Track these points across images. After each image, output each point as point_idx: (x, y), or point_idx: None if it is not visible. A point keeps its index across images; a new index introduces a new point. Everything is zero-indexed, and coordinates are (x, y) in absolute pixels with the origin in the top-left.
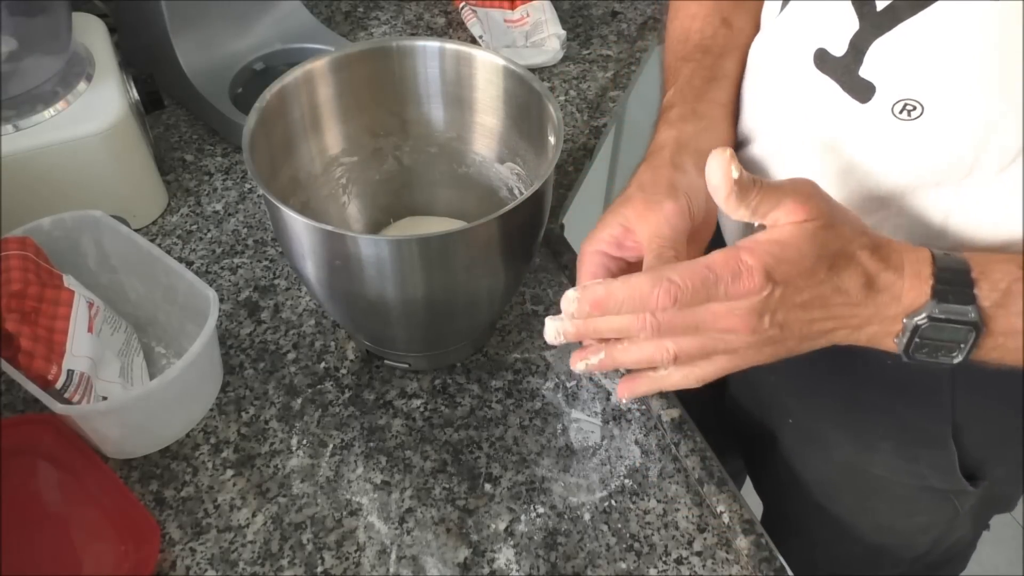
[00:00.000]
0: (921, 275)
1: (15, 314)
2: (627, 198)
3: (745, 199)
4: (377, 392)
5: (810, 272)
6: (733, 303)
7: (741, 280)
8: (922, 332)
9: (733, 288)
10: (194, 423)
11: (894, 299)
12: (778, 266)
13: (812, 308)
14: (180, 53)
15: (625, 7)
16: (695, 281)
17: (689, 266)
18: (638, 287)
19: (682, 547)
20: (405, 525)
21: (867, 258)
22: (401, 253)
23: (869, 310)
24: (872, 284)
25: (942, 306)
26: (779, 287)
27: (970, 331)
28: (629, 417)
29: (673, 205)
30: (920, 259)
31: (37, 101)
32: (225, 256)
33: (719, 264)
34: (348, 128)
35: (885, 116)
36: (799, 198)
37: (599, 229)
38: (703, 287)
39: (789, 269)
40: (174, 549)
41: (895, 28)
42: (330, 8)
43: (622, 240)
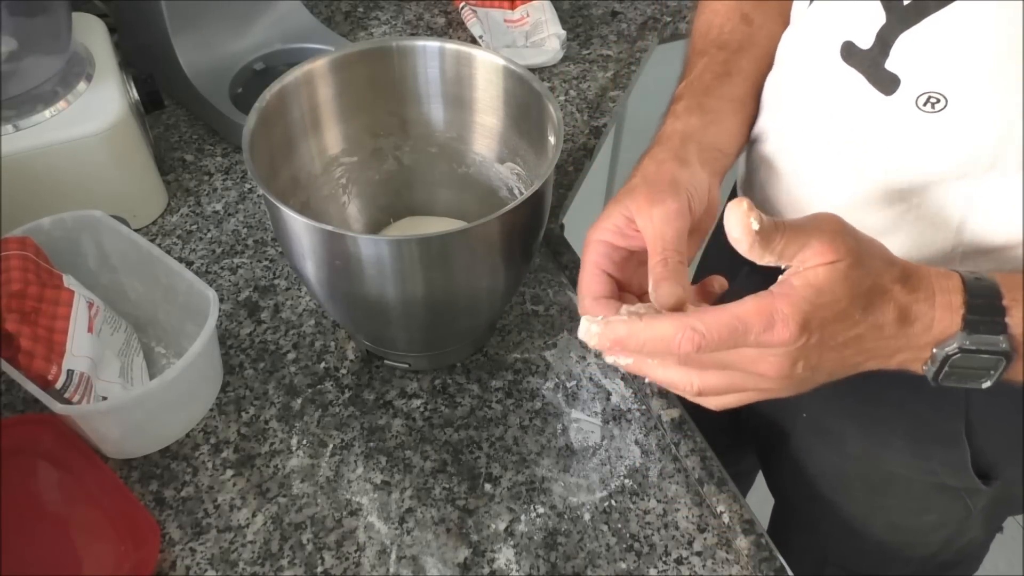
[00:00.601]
0: (952, 305)
1: (15, 314)
2: (631, 189)
3: (769, 246)
4: (377, 392)
5: (846, 314)
6: (766, 349)
7: (775, 331)
8: (952, 362)
9: (766, 337)
10: (194, 423)
11: (925, 329)
12: (815, 313)
13: (846, 347)
14: (180, 53)
15: (625, 7)
16: (721, 332)
17: (717, 315)
18: (661, 332)
19: (682, 547)
20: (405, 525)
21: (899, 290)
22: (401, 253)
23: (901, 341)
24: (905, 316)
25: (973, 337)
26: (815, 334)
27: (1000, 360)
28: (629, 417)
29: (675, 203)
30: (951, 287)
31: (37, 101)
32: (225, 256)
33: (750, 314)
34: (348, 128)
35: (909, 108)
36: (825, 237)
37: (603, 219)
38: (730, 337)
39: (826, 315)
40: (174, 549)
41: (922, 22)
42: (330, 8)
43: (625, 230)
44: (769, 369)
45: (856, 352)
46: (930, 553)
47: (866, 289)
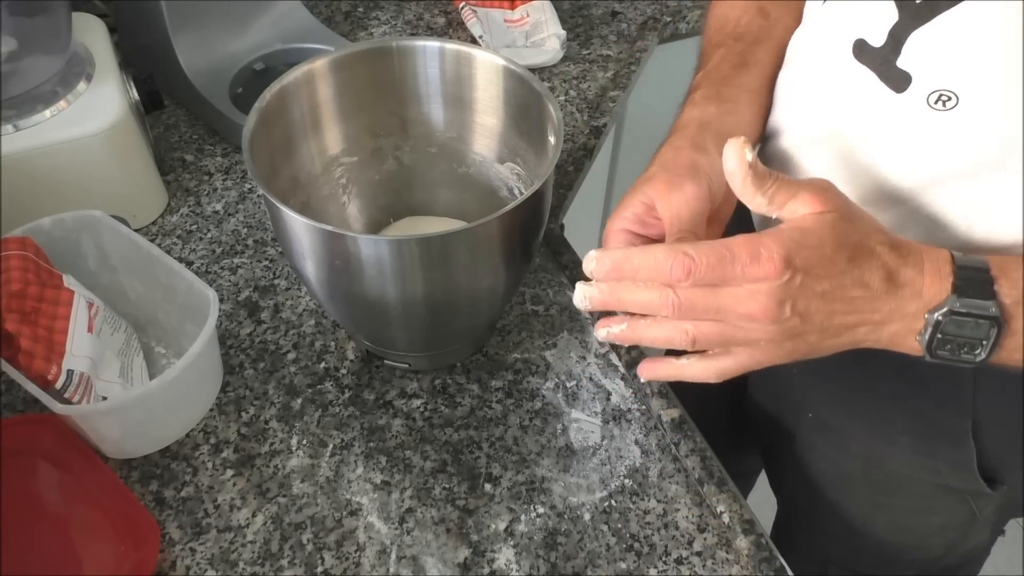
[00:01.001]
0: (941, 272)
1: (15, 314)
2: (649, 176)
3: (761, 187)
4: (377, 392)
5: (831, 260)
6: (753, 286)
7: (760, 263)
8: (944, 328)
9: (751, 269)
10: (194, 423)
11: (915, 295)
12: (799, 251)
13: (833, 299)
14: (180, 53)
15: (625, 7)
16: (711, 257)
17: (707, 243)
18: (654, 254)
19: (682, 547)
20: (405, 525)
21: (887, 252)
22: (401, 253)
23: (890, 305)
24: (893, 278)
25: (963, 300)
26: (799, 274)
27: (992, 327)
28: (629, 417)
29: (694, 187)
30: (940, 257)
31: (37, 101)
32: (225, 256)
33: (738, 244)
34: (348, 128)
35: (920, 106)
36: (815, 191)
37: (622, 207)
38: (719, 264)
39: (810, 255)
40: (174, 549)
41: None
42: (330, 8)
43: (645, 217)
44: (757, 309)
45: (846, 311)
46: (934, 556)
47: (853, 243)
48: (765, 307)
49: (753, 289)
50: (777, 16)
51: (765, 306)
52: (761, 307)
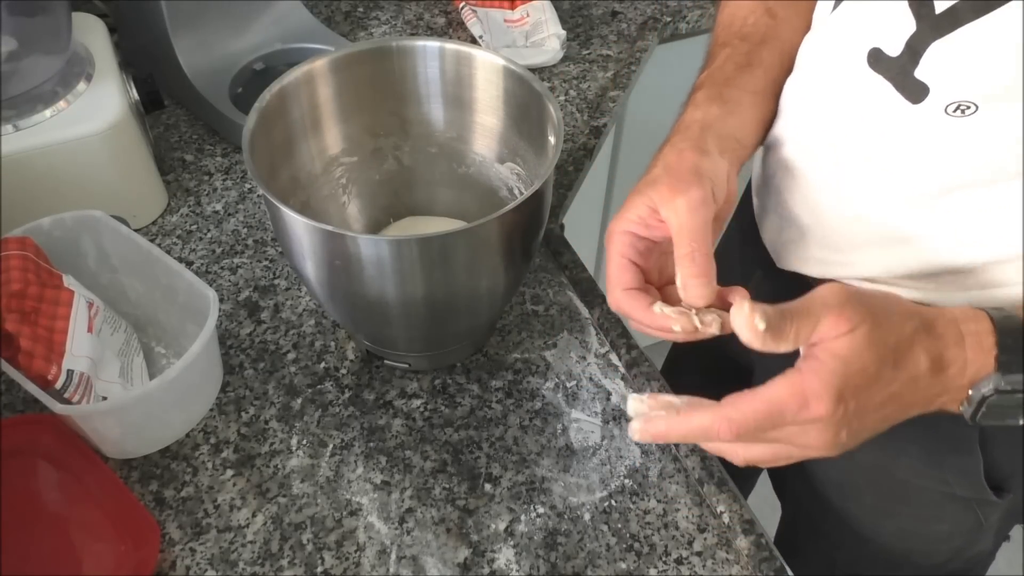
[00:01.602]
0: (983, 346)
1: (15, 314)
2: (653, 180)
3: (782, 335)
4: (377, 392)
5: (877, 377)
6: (807, 424)
7: (811, 408)
8: (989, 403)
9: (803, 416)
10: (194, 423)
11: (960, 372)
12: (847, 383)
13: (886, 407)
14: (180, 53)
15: (625, 7)
16: (758, 418)
17: (751, 403)
18: (698, 424)
19: (682, 547)
20: (405, 525)
21: (926, 339)
22: (401, 253)
23: (938, 388)
24: (939, 363)
25: (1008, 377)
26: (851, 402)
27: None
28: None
29: (698, 192)
30: (980, 329)
31: (37, 101)
32: (225, 256)
33: (784, 397)
34: (348, 128)
35: (938, 116)
36: (834, 310)
37: (627, 209)
38: (767, 420)
39: (859, 383)
40: (174, 549)
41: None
42: (330, 8)
43: (648, 220)
44: (814, 441)
45: (897, 409)
46: (939, 562)
47: (892, 347)
48: (822, 440)
49: (808, 427)
50: (784, 16)
51: (822, 439)
52: (818, 440)
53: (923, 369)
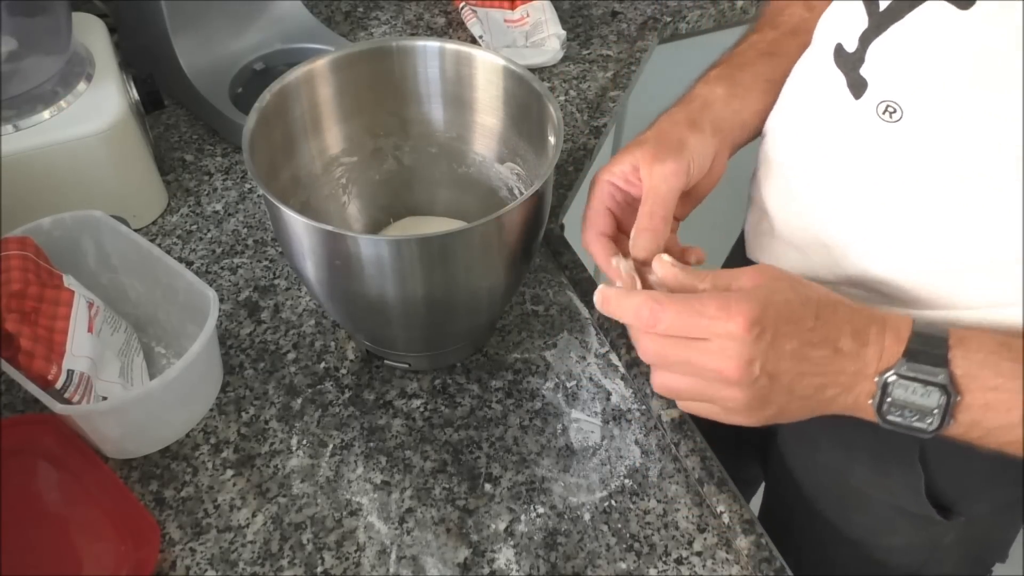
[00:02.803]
0: (900, 336)
1: (15, 314)
2: (641, 141)
3: (698, 281)
4: (377, 392)
5: (799, 318)
6: (723, 343)
7: (730, 316)
8: (892, 391)
9: (721, 326)
10: (194, 423)
11: (877, 356)
12: (767, 309)
13: (802, 359)
14: (180, 53)
15: (625, 7)
16: (680, 313)
17: (679, 299)
18: (631, 303)
19: (682, 547)
20: (405, 525)
21: (850, 311)
22: (401, 253)
23: (856, 365)
24: (861, 336)
25: (911, 364)
26: (768, 332)
27: (942, 395)
28: (629, 417)
29: (675, 164)
30: (901, 324)
31: (37, 101)
32: (225, 256)
33: (708, 302)
34: (348, 128)
35: (870, 115)
36: (759, 267)
37: (614, 163)
38: (686, 311)
39: (779, 312)
40: (174, 549)
41: (889, 28)
42: (330, 8)
43: (629, 176)
44: (727, 367)
45: (813, 370)
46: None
47: (815, 301)
48: (736, 365)
49: (724, 345)
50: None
51: (735, 364)
52: (731, 364)
53: (846, 333)
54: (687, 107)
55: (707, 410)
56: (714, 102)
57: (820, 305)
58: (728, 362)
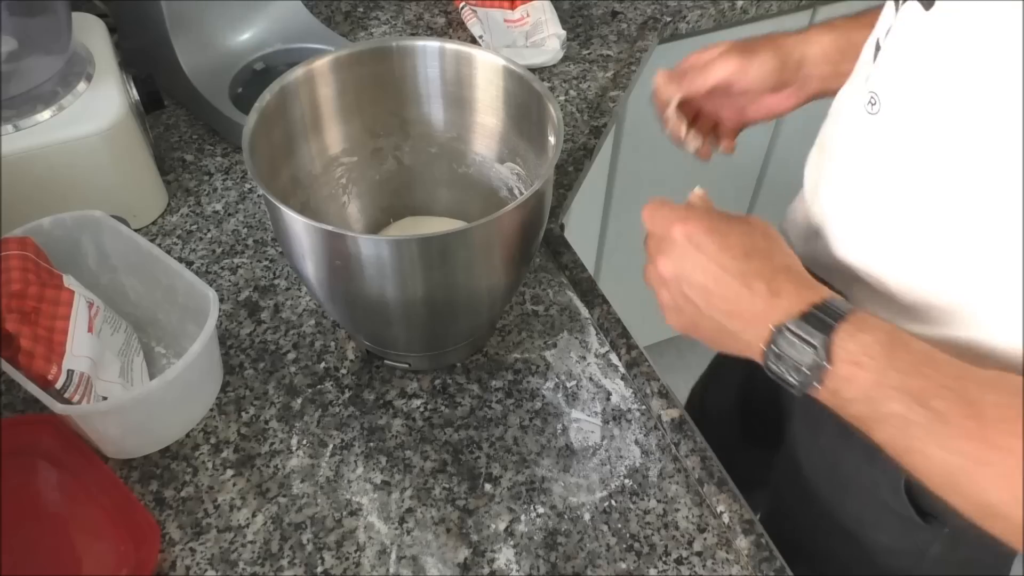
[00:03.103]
0: (809, 299)
1: (15, 314)
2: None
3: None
4: (377, 392)
5: (730, 247)
6: (669, 243)
7: (682, 224)
8: (779, 341)
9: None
10: (194, 423)
11: (782, 308)
12: (711, 232)
13: (716, 281)
14: (180, 53)
15: (625, 7)
16: (656, 207)
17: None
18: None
19: (682, 547)
20: (405, 525)
21: (780, 267)
22: (401, 253)
23: (762, 308)
24: (772, 285)
25: (800, 322)
26: (701, 248)
27: (814, 356)
28: (629, 417)
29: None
30: (818, 293)
31: (37, 101)
32: (225, 256)
33: (678, 209)
34: (348, 128)
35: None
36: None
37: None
38: (659, 213)
39: (716, 239)
40: (174, 549)
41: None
42: (330, 8)
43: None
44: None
45: (724, 296)
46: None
47: (757, 246)
48: (665, 261)
49: (669, 245)
50: None
51: (666, 261)
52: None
53: (762, 278)
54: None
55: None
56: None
57: (755, 249)
58: (664, 260)
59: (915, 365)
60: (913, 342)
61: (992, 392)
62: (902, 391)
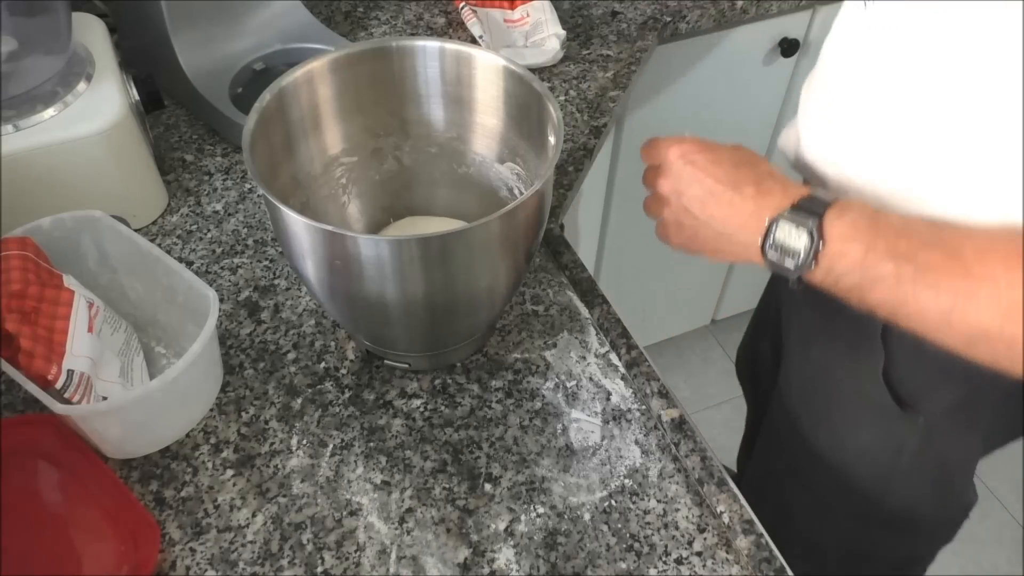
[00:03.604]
0: (795, 195)
1: (15, 314)
2: None
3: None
4: (377, 392)
5: (720, 161)
6: (665, 167)
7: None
8: (774, 231)
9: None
10: (194, 423)
11: (772, 205)
12: (702, 151)
13: (711, 192)
14: (180, 53)
15: (625, 7)
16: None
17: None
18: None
19: (682, 547)
20: (405, 525)
21: (765, 173)
22: (401, 253)
23: (754, 208)
24: (761, 188)
25: (792, 211)
26: (694, 165)
27: (809, 239)
28: (629, 417)
29: None
30: (804, 187)
31: (37, 101)
32: (225, 256)
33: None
34: (348, 128)
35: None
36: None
37: None
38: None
39: (707, 156)
40: (174, 549)
41: None
42: (330, 8)
43: None
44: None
45: (719, 203)
46: (872, 490)
47: (743, 159)
48: (664, 183)
49: (665, 168)
50: None
51: (665, 182)
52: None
53: (751, 183)
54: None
55: (660, 229)
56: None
57: (743, 161)
58: (663, 181)
59: (898, 231)
60: (892, 215)
61: (968, 239)
62: (890, 253)
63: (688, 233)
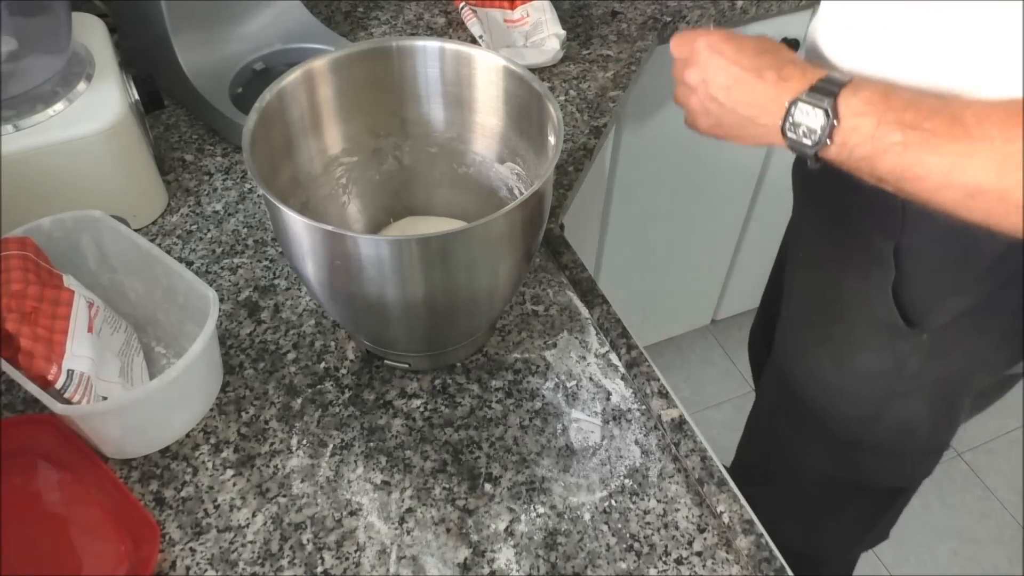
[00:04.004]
0: (815, 77)
1: (15, 314)
2: None
3: None
4: (377, 392)
5: (743, 48)
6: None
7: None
8: (793, 112)
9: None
10: (194, 423)
11: (792, 90)
12: (727, 41)
13: (735, 79)
14: (180, 53)
15: (625, 7)
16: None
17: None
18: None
19: (682, 547)
20: (405, 525)
21: (786, 59)
22: (401, 253)
23: (775, 92)
24: (782, 73)
25: (810, 92)
26: (720, 55)
27: (825, 117)
28: (629, 417)
29: None
30: (821, 71)
31: (37, 101)
32: (225, 256)
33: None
34: (348, 128)
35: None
36: None
37: None
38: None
39: (732, 45)
40: (174, 549)
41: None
42: (330, 8)
43: None
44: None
45: (743, 90)
46: (865, 414)
47: (766, 48)
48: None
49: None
50: None
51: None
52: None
53: (772, 68)
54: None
55: (689, 118)
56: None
57: (765, 50)
58: (691, 71)
59: (907, 103)
60: (903, 89)
61: (969, 107)
62: (899, 124)
63: (714, 119)
